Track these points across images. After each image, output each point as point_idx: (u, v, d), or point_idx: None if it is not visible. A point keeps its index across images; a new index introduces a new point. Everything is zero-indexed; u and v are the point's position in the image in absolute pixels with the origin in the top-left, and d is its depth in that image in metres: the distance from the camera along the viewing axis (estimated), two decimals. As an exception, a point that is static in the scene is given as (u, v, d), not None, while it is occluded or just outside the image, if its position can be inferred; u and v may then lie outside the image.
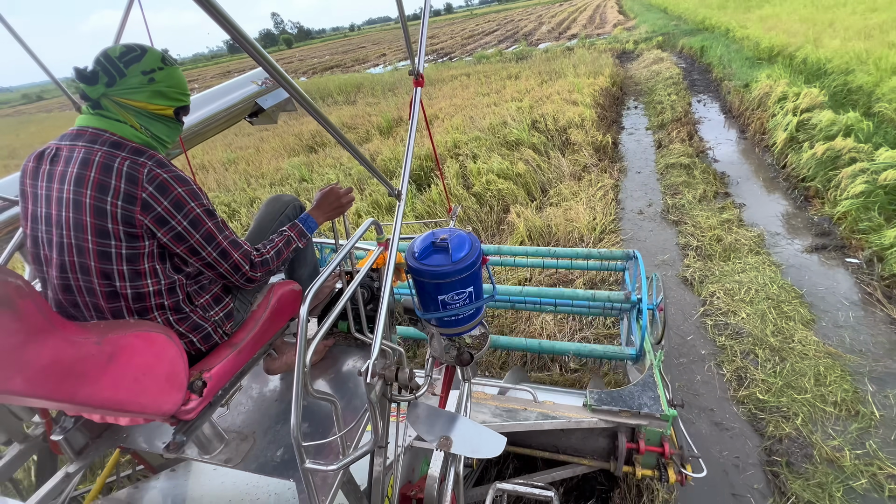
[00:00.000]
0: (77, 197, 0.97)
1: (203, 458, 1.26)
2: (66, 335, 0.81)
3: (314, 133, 9.34)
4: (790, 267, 3.80)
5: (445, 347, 1.31)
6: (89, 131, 1.02)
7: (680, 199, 5.04)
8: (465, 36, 35.62)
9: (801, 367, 2.83)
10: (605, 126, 7.76)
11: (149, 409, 0.97)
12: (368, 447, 1.02)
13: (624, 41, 16.66)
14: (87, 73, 1.01)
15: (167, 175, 1.02)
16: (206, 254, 1.10)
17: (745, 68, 9.35)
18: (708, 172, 5.63)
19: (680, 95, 8.80)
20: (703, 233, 4.36)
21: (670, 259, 4.17)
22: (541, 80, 10.39)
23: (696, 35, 15.08)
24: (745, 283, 3.63)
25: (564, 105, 8.03)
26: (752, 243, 4.11)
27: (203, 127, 2.21)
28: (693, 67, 11.90)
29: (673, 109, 8.02)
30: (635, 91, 10.37)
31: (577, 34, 22.93)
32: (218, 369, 1.12)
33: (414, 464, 1.67)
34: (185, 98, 1.15)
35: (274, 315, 1.34)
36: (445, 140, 7.01)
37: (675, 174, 5.71)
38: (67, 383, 0.82)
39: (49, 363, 0.78)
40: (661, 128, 7.59)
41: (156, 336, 0.97)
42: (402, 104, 10.97)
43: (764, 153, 6.02)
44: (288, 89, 0.82)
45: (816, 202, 4.57)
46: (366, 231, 1.25)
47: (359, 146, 8.24)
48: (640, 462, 1.87)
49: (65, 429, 1.28)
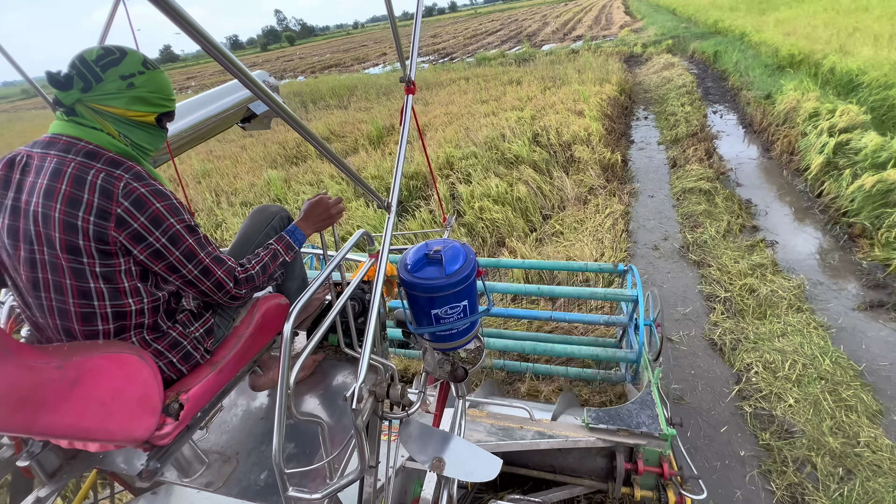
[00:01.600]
0: (46, 210, 0.91)
1: (183, 481, 1.20)
2: (23, 360, 0.78)
3: (299, 142, 8.70)
4: (841, 330, 3.13)
5: (439, 362, 1.26)
6: (63, 139, 0.97)
7: (701, 234, 4.38)
8: (468, 36, 34.88)
9: (874, 488, 2.17)
10: (614, 140, 7.09)
11: (118, 435, 0.92)
12: (354, 475, 0.96)
13: (631, 44, 15.95)
14: (61, 78, 0.96)
15: (145, 189, 0.96)
16: (187, 271, 1.04)
17: (765, 77, 8.66)
18: (731, 200, 4.96)
19: (694, 106, 8.11)
20: (730, 280, 3.70)
21: (693, 313, 3.50)
22: (543, 87, 9.71)
23: (709, 39, 14.37)
24: (788, 352, 2.96)
25: (569, 116, 7.36)
26: (791, 296, 3.44)
27: (193, 132, 2.11)
28: (706, 74, 11.20)
29: (688, 122, 7.34)
30: (645, 99, 9.69)
31: (582, 35, 22.23)
32: (196, 390, 1.07)
33: (406, 486, 1.60)
34: (168, 103, 1.09)
35: (258, 331, 1.28)
36: (437, 155, 6.36)
37: (693, 201, 5.04)
38: (24, 411, 0.79)
39: (2, 391, 0.75)
40: (675, 143, 6.91)
41: (126, 357, 0.93)
42: (395, 110, 10.31)
43: (794, 177, 5.34)
44: (267, 101, 0.76)
45: (864, 243, 3.90)
46: (356, 242, 1.18)
47: (345, 157, 7.62)
48: (638, 483, 1.81)
49: (32, 453, 1.18)
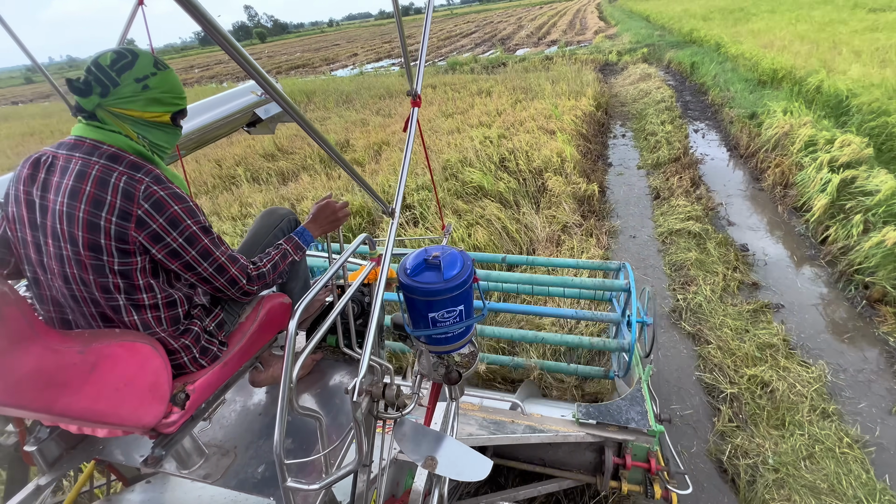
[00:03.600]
0: (70, 210, 0.95)
1: (181, 472, 1.23)
2: (50, 343, 0.81)
3: (236, 161, 7.64)
4: (882, 450, 2.42)
5: (434, 365, 1.24)
6: (87, 142, 1.00)
7: (695, 295, 3.64)
8: (442, 37, 34.04)
9: None
10: (590, 164, 6.37)
11: (128, 420, 0.95)
12: (352, 467, 0.99)
13: (606, 51, 15.44)
14: (80, 85, 0.98)
15: (164, 192, 1.00)
16: (202, 269, 1.08)
17: (746, 93, 8.15)
18: (725, 246, 4.27)
19: (675, 125, 7.49)
20: (736, 366, 2.96)
21: (693, 417, 2.74)
22: (514, 99, 8.94)
23: (684, 49, 13.97)
24: (821, 488, 2.23)
25: (541, 136, 6.60)
26: (812, 393, 2.73)
27: (200, 135, 2.18)
28: (684, 86, 10.69)
29: (669, 144, 6.69)
30: (622, 114, 9.06)
31: (556, 40, 21.73)
32: (202, 382, 1.10)
33: (398, 477, 1.60)
34: (181, 101, 1.11)
35: (262, 328, 1.32)
36: (387, 188, 5.47)
37: (682, 246, 4.33)
38: (48, 392, 0.81)
39: (31, 371, 0.78)
40: (657, 167, 6.24)
41: (140, 346, 0.96)
42: (352, 123, 9.35)
43: (791, 216, 4.71)
44: (281, 103, 0.82)
45: (886, 312, 3.24)
46: (358, 246, 1.23)
47: (275, 189, 6.61)
48: (626, 477, 1.87)
49: (39, 439, 1.21)
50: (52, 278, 1.00)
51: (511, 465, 2.08)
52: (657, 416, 1.87)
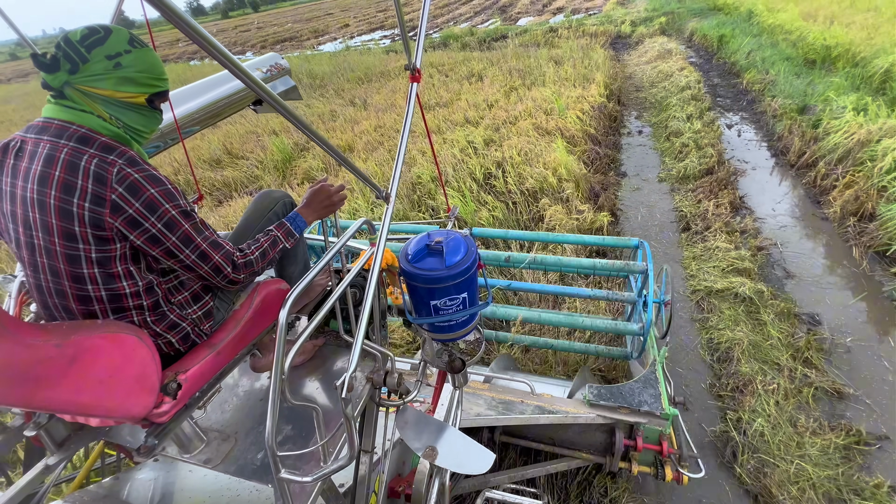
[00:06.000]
0: (41, 197, 0.91)
1: (183, 457, 1.25)
2: (21, 338, 0.79)
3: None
4: None
5: (437, 353, 1.24)
6: (55, 124, 0.95)
7: (752, 416, 2.47)
8: (440, 5, 31.57)
9: None
10: (600, 174, 5.09)
11: (116, 412, 0.94)
12: (344, 462, 0.94)
13: (618, 21, 13.68)
14: (46, 60, 0.93)
15: (139, 175, 0.94)
16: (185, 256, 1.03)
17: (791, 77, 6.69)
18: (789, 318, 3.07)
19: (704, 120, 6.10)
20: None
21: None
22: (510, 87, 7.52)
23: (709, 17, 12.23)
24: None
25: (538, 140, 5.29)
26: None
27: (203, 115, 2.13)
28: (710, 65, 9.14)
29: (699, 149, 5.35)
30: (637, 102, 7.63)
31: (563, 7, 19.73)
32: (195, 371, 1.08)
33: (405, 457, 1.61)
34: (158, 83, 1.04)
35: (258, 315, 1.29)
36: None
37: (726, 315, 3.13)
38: (23, 387, 0.80)
39: (1, 366, 0.76)
40: (684, 181, 4.95)
41: (125, 337, 0.94)
42: (319, 115, 8.01)
43: (874, 264, 3.47)
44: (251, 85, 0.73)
45: None
46: (356, 230, 1.17)
47: (210, 209, 5.40)
48: (636, 459, 1.87)
49: (39, 424, 1.17)
50: (26, 268, 0.99)
51: (520, 444, 2.12)
52: (671, 398, 1.87)
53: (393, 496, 1.39)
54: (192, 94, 2.12)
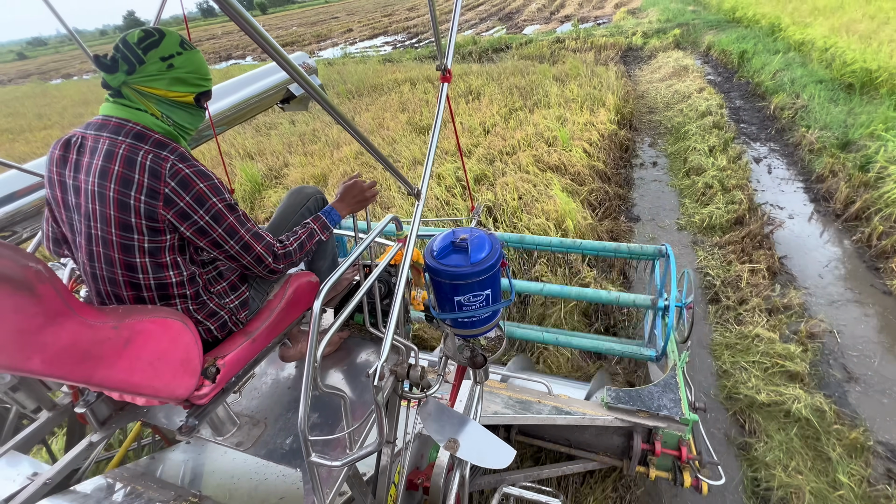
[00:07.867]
0: (101, 190, 0.97)
1: (216, 439, 1.29)
2: (85, 319, 0.82)
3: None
4: None
5: (459, 348, 1.26)
6: (113, 121, 1.01)
7: None
8: (446, 10, 30.99)
9: None
10: (609, 214, 4.35)
11: (162, 392, 0.99)
12: (373, 448, 1.01)
13: (629, 32, 12.93)
14: (107, 61, 0.99)
15: (189, 170, 1.00)
16: (229, 247, 1.09)
17: (827, 103, 5.92)
18: (861, 452, 2.31)
19: (730, 155, 5.34)
20: None
21: None
22: (509, 109, 6.80)
23: (726, 30, 11.46)
24: None
25: (538, 178, 4.56)
26: None
27: (234, 112, 2.23)
28: (730, 84, 8.38)
29: (725, 191, 4.60)
30: (650, 126, 6.88)
31: (571, 16, 19.01)
32: (232, 357, 1.13)
33: (423, 451, 1.62)
34: (205, 83, 1.12)
35: (289, 306, 1.34)
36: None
37: (774, 440, 2.38)
38: (85, 365, 0.84)
39: (67, 345, 0.80)
40: (709, 232, 4.20)
41: (172, 322, 0.99)
42: (299, 136, 7.34)
43: (962, 369, 2.70)
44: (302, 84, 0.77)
45: None
46: (385, 226, 1.21)
47: None
48: (654, 463, 1.85)
49: (88, 402, 1.26)
50: (81, 256, 1.04)
51: (536, 444, 2.13)
52: (691, 404, 1.85)
53: (411, 488, 1.42)
54: (223, 93, 2.24)
